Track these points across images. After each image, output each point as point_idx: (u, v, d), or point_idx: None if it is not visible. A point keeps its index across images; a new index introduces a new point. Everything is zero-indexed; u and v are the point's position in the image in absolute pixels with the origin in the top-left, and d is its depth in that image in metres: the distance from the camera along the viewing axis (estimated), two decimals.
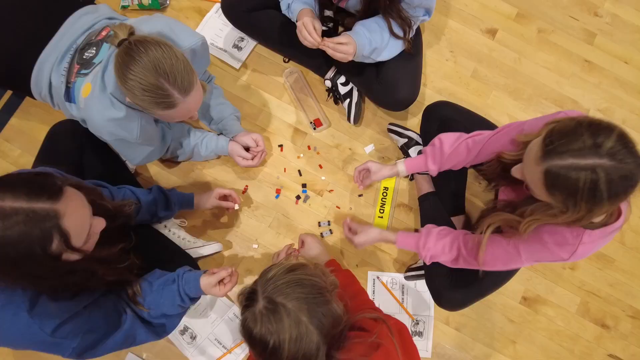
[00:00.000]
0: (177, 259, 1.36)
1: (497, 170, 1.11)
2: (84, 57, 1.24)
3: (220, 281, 1.18)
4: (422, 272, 1.49)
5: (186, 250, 1.45)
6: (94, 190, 1.06)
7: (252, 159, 1.50)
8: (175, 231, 1.49)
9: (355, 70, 1.51)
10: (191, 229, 1.56)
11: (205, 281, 1.15)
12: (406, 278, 1.53)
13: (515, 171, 0.95)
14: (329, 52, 1.27)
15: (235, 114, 1.55)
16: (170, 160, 1.58)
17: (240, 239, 1.57)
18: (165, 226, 1.49)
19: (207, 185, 1.60)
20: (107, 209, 1.10)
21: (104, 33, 1.27)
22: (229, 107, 1.55)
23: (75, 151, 1.33)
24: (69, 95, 1.28)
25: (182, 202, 1.43)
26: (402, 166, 1.37)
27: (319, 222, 1.58)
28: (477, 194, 1.62)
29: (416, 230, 1.56)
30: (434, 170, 1.30)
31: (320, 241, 1.45)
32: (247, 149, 1.52)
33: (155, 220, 1.40)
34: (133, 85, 1.04)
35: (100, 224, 0.94)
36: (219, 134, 1.54)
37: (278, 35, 1.55)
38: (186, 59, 1.10)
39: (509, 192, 1.18)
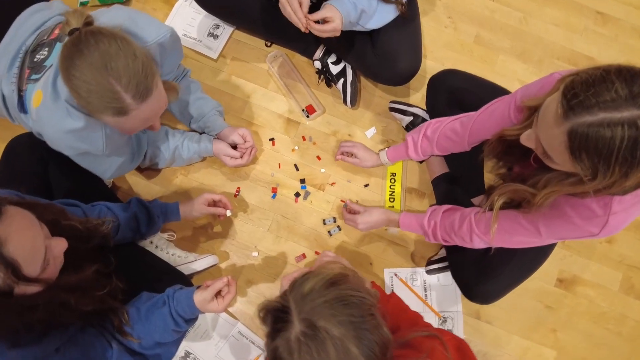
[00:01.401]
0: (167, 278, 1.19)
1: (500, 149, 0.99)
2: (35, 59, 1.07)
3: (217, 294, 1.02)
4: (445, 264, 1.33)
5: (177, 267, 1.29)
6: (51, 208, 0.89)
7: (241, 157, 1.34)
8: (163, 247, 1.32)
9: (346, 45, 1.34)
10: (181, 242, 1.39)
11: (199, 297, 1.00)
12: (428, 272, 1.37)
13: (526, 139, 0.80)
14: (316, 32, 1.11)
15: (217, 109, 1.38)
16: (149, 168, 1.41)
17: (238, 248, 1.40)
18: (152, 242, 1.32)
19: (194, 191, 1.43)
20: (76, 229, 0.94)
21: (57, 31, 1.10)
22: (210, 101, 1.38)
23: (37, 168, 1.16)
24: (22, 106, 1.12)
25: (167, 213, 1.26)
26: (384, 156, 1.34)
27: (324, 220, 1.42)
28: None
29: None
30: (416, 158, 1.25)
31: (347, 262, 1.23)
32: (234, 146, 1.35)
33: (138, 237, 1.24)
34: (77, 84, 0.87)
35: (60, 245, 0.78)
36: (201, 133, 1.37)
37: (257, 16, 1.38)
38: (148, 58, 0.92)
39: (519, 168, 1.05)
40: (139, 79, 0.88)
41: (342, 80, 1.41)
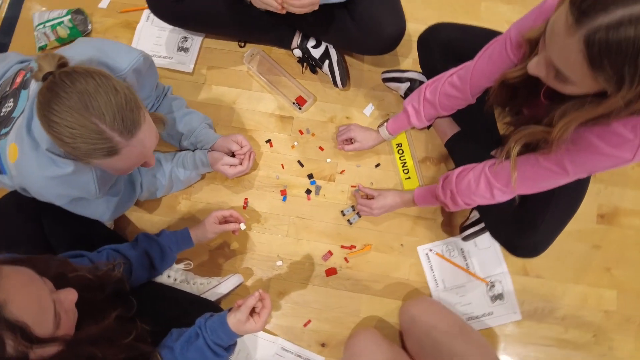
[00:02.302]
0: (194, 308, 1.10)
1: (505, 95, 0.93)
2: (2, 114, 0.99)
3: (252, 312, 0.94)
4: (480, 226, 1.24)
5: (202, 296, 1.20)
6: (50, 260, 0.81)
7: (241, 163, 1.26)
8: (182, 278, 1.23)
9: (324, 24, 1.26)
10: (200, 269, 1.30)
11: (233, 320, 0.92)
12: (464, 239, 1.28)
13: (534, 66, 0.73)
14: (294, 9, 1.02)
15: (205, 122, 1.30)
16: (149, 200, 1.32)
17: (260, 261, 1.31)
18: (169, 276, 1.23)
19: (201, 213, 1.34)
20: (85, 279, 0.86)
21: (19, 80, 1.02)
22: (197, 115, 1.29)
23: (29, 227, 1.08)
24: None
25: (178, 242, 1.17)
26: (384, 131, 1.27)
27: (342, 211, 1.33)
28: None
29: None
30: (420, 126, 1.19)
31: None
32: (231, 155, 1.27)
33: (154, 274, 1.15)
34: (59, 131, 0.78)
35: (69, 296, 0.70)
36: (194, 150, 1.29)
37: (224, 16, 1.30)
38: (130, 90, 0.83)
39: (529, 111, 0.99)
40: (124, 113, 0.80)
41: (326, 62, 1.33)
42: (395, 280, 1.29)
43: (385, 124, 1.28)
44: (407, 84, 1.32)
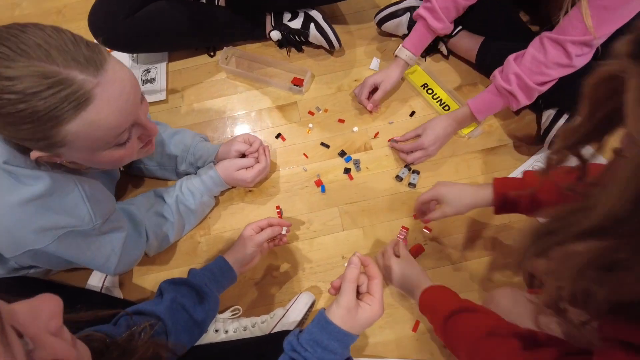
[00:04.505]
0: (272, 347, 0.75)
1: None
2: None
3: (358, 294, 0.64)
4: (562, 120, 1.01)
5: (271, 333, 0.86)
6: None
7: (257, 161, 1.01)
8: (235, 328, 0.90)
9: None
10: (253, 311, 0.96)
11: (338, 312, 0.61)
12: (550, 148, 1.04)
13: None
14: None
15: (199, 136, 1.07)
16: (160, 253, 1.01)
17: (324, 272, 1.00)
18: (217, 330, 0.90)
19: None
20: (99, 341, 0.56)
21: None
22: (187, 132, 1.07)
23: None
24: None
25: (214, 275, 0.85)
26: (404, 52, 1.07)
27: (397, 176, 1.07)
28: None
29: None
30: (442, 28, 1.03)
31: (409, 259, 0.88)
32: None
33: (198, 330, 0.81)
34: (3, 102, 0.53)
35: (43, 304, 0.37)
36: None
37: (182, 20, 1.14)
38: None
39: None
40: (76, 48, 0.56)
41: (312, 25, 1.16)
42: (496, 229, 1.00)
43: (400, 45, 1.08)
44: (407, 15, 1.16)
